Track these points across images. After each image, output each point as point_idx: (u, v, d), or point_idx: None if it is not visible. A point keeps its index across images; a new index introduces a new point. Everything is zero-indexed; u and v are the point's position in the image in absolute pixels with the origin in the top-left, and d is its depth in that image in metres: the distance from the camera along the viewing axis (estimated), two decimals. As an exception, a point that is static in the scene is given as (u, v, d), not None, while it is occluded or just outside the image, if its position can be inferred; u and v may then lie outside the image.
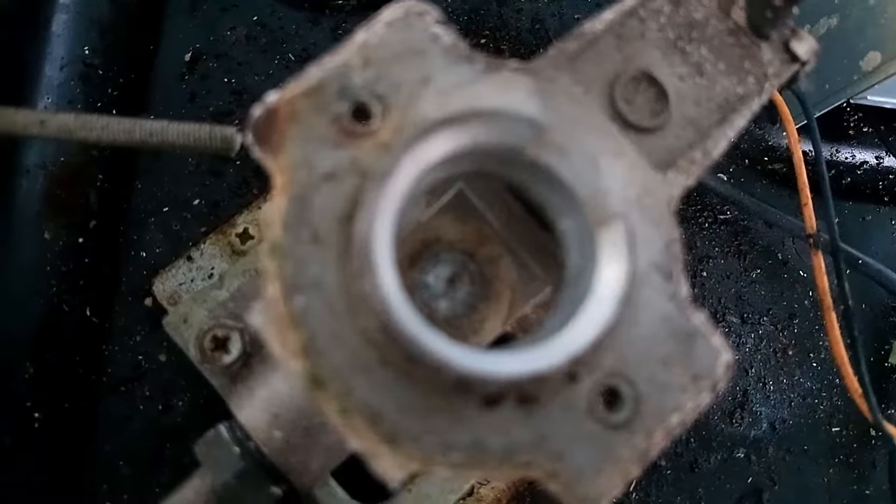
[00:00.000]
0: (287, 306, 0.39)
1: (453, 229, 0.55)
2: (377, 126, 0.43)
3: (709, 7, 0.52)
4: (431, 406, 0.40)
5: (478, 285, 0.54)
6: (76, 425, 0.79)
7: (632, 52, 0.51)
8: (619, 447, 0.41)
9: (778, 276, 0.94)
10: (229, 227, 0.79)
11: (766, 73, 0.52)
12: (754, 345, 0.92)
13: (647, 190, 0.46)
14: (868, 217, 0.97)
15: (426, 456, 0.40)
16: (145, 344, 0.80)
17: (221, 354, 0.62)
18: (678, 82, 0.51)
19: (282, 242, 0.40)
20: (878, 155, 0.96)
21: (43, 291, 0.81)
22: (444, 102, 0.43)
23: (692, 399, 0.43)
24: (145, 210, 0.84)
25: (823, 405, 0.90)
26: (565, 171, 0.42)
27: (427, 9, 0.45)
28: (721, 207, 0.95)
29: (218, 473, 0.54)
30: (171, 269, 0.79)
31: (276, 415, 0.53)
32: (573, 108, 0.46)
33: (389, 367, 0.39)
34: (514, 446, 0.40)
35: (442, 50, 0.45)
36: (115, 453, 0.78)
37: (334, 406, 0.39)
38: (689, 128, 0.50)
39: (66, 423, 0.79)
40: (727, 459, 0.88)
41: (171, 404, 0.78)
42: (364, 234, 0.37)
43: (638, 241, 0.44)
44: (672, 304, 0.44)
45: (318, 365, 0.39)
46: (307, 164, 0.42)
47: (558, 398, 0.41)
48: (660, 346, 0.43)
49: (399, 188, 0.38)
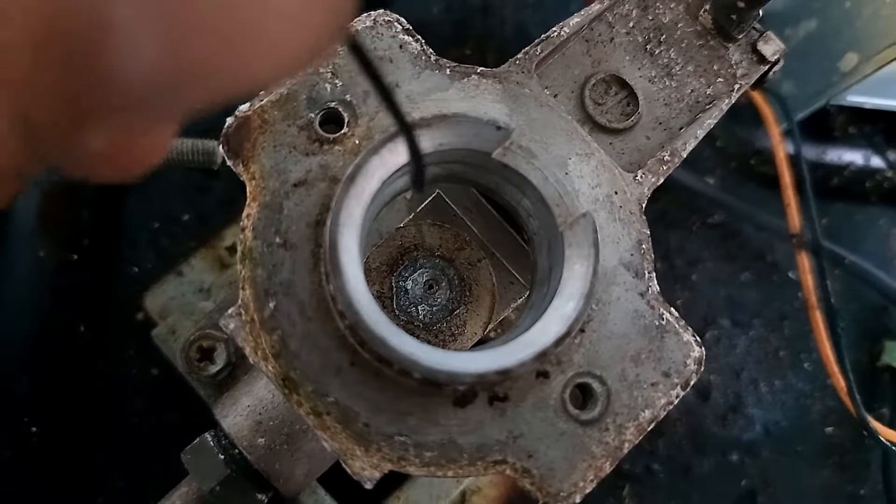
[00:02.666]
0: (259, 310, 0.40)
1: (432, 235, 0.55)
2: (346, 133, 0.44)
3: (676, 11, 0.53)
4: (403, 406, 0.40)
5: (457, 290, 0.54)
6: (71, 439, 0.80)
7: (601, 56, 0.52)
8: (590, 444, 0.42)
9: (768, 278, 0.94)
10: (218, 240, 0.80)
11: (734, 74, 0.53)
12: (746, 347, 0.92)
13: (616, 190, 0.47)
14: (857, 217, 0.97)
15: (399, 455, 0.40)
16: (138, 358, 0.81)
17: (207, 364, 0.62)
18: (648, 84, 0.52)
19: (253, 248, 0.41)
20: (865, 155, 0.97)
21: (37, 308, 0.83)
22: (411, 107, 0.44)
23: (664, 395, 0.43)
24: (136, 227, 0.85)
25: (816, 406, 0.90)
26: (532, 174, 0.43)
27: (395, 18, 0.46)
28: (710, 211, 0.95)
29: (204, 481, 0.54)
30: (162, 283, 0.79)
31: (259, 422, 0.54)
32: (541, 112, 0.47)
33: (361, 368, 0.40)
34: (486, 445, 0.41)
35: (410, 57, 0.46)
36: (110, 466, 0.78)
37: (307, 407, 0.40)
38: (660, 128, 0.51)
39: (62, 437, 0.80)
40: (721, 463, 0.88)
41: (163, 416, 0.79)
42: (332, 236, 0.38)
43: (606, 240, 0.44)
44: (643, 301, 0.45)
45: (290, 367, 0.40)
46: (278, 171, 0.43)
47: (529, 397, 0.42)
48: (631, 343, 0.44)
49: (367, 191, 0.39)
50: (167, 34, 0.17)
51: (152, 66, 0.17)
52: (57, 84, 0.16)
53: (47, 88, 0.16)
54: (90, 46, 0.16)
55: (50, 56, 0.16)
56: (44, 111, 0.17)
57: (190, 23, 0.17)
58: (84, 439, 0.80)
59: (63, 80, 0.16)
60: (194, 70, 0.18)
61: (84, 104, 0.17)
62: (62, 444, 0.80)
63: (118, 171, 0.23)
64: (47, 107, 0.17)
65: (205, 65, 0.18)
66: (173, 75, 0.18)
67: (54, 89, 0.16)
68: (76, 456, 0.80)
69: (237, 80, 0.19)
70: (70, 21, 0.16)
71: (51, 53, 0.16)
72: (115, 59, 0.17)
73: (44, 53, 0.16)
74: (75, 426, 0.80)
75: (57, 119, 0.17)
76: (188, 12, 0.17)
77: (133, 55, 0.17)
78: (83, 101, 0.17)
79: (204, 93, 0.19)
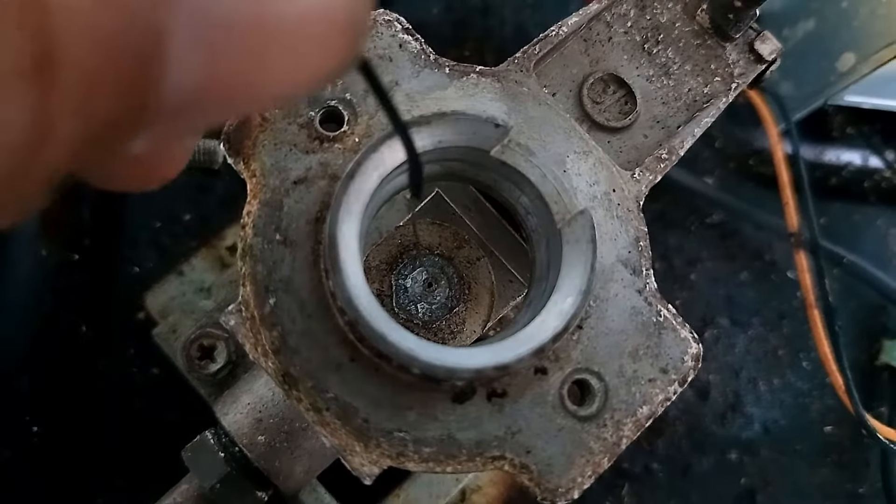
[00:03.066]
0: (259, 307, 0.40)
1: (431, 233, 0.56)
2: (346, 131, 0.44)
3: (674, 11, 0.53)
4: (402, 402, 0.41)
5: (456, 288, 0.54)
6: (72, 438, 0.80)
7: (599, 55, 0.52)
8: (588, 440, 0.42)
9: (767, 277, 0.95)
10: (219, 240, 0.80)
11: (732, 73, 0.53)
12: (745, 347, 0.92)
13: (614, 187, 0.47)
14: (855, 217, 0.97)
15: (398, 451, 0.40)
16: (138, 357, 0.81)
17: (208, 363, 0.63)
18: (645, 83, 0.52)
19: (253, 245, 0.41)
20: (863, 155, 0.97)
21: (39, 307, 0.83)
22: (411, 106, 0.44)
23: (662, 391, 0.44)
24: (137, 226, 0.85)
25: (815, 405, 0.90)
26: (531, 171, 0.43)
27: (395, 17, 0.47)
28: (708, 211, 0.96)
29: (204, 479, 0.54)
30: (163, 282, 0.80)
31: (259, 420, 0.54)
32: (539, 110, 0.47)
33: (360, 364, 0.40)
34: (484, 441, 0.41)
35: (409, 56, 0.46)
36: (110, 465, 0.79)
37: (307, 403, 0.40)
38: (657, 127, 0.51)
39: (63, 436, 0.80)
40: (720, 462, 0.88)
41: (163, 415, 0.79)
42: (332, 232, 0.38)
43: (604, 237, 0.45)
44: (640, 297, 0.45)
45: (290, 363, 0.40)
46: (278, 169, 0.43)
47: (528, 393, 0.42)
48: (628, 339, 0.44)
49: (366, 188, 0.40)
50: (213, 51, 0.19)
51: (196, 80, 0.19)
52: (114, 90, 0.18)
53: (106, 94, 0.18)
54: (145, 56, 0.18)
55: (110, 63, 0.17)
56: (102, 116, 0.18)
57: (233, 43, 0.19)
58: (84, 438, 0.80)
59: (120, 86, 0.18)
60: (231, 86, 0.20)
61: (137, 112, 0.19)
62: (63, 444, 0.80)
63: (143, 181, 0.25)
64: (106, 112, 0.18)
65: (240, 82, 0.20)
66: (213, 90, 0.19)
67: (113, 94, 0.18)
68: (77, 455, 0.80)
69: (262, 97, 0.21)
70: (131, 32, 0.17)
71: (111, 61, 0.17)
72: (165, 71, 0.18)
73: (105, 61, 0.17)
74: (76, 425, 0.81)
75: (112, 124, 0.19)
76: (233, 34, 0.19)
77: (181, 68, 0.18)
78: (136, 108, 0.19)
79: (232, 108, 0.21)
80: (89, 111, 0.18)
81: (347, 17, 0.20)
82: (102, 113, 0.18)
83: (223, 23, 0.18)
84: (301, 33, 0.20)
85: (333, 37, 0.20)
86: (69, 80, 0.17)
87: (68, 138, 0.18)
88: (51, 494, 0.79)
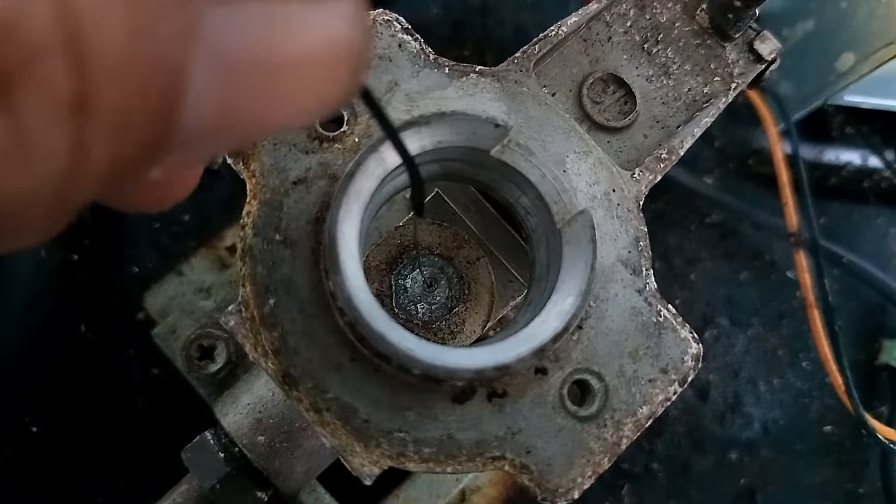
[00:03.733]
0: (259, 307, 0.40)
1: (431, 234, 0.56)
2: (346, 131, 0.44)
3: (673, 10, 0.53)
4: (402, 402, 0.41)
5: (456, 288, 0.54)
6: (72, 438, 0.80)
7: (599, 55, 0.52)
8: (589, 440, 0.42)
9: (766, 277, 0.95)
10: (218, 240, 0.80)
11: (731, 72, 0.53)
12: (744, 346, 0.92)
13: (614, 187, 0.47)
14: (854, 217, 0.97)
15: (398, 451, 0.40)
16: (138, 357, 0.81)
17: (207, 363, 0.63)
18: (645, 83, 0.52)
19: (253, 245, 0.41)
20: (863, 155, 0.97)
21: (38, 307, 0.83)
22: (410, 106, 0.44)
23: (662, 391, 0.44)
24: (136, 226, 0.85)
25: (815, 405, 0.90)
26: (531, 171, 0.43)
27: (394, 17, 0.47)
28: (708, 211, 0.96)
29: (204, 479, 0.54)
30: (162, 283, 0.80)
31: (259, 420, 0.54)
32: (539, 110, 0.47)
33: (360, 364, 0.40)
34: (484, 441, 0.41)
35: (409, 56, 0.46)
36: (110, 465, 0.79)
37: (307, 403, 0.40)
38: (657, 127, 0.51)
39: (63, 436, 0.80)
40: (720, 462, 0.88)
41: (163, 416, 0.79)
42: (331, 232, 0.38)
43: (604, 237, 0.45)
44: (640, 297, 0.45)
45: (290, 363, 0.40)
46: (278, 169, 0.43)
47: (528, 393, 0.42)
48: (628, 339, 0.44)
49: (366, 188, 0.40)
50: (228, 87, 0.21)
51: (212, 113, 0.21)
52: (142, 123, 0.20)
53: (135, 126, 0.20)
54: (169, 91, 0.20)
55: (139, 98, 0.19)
56: (131, 147, 0.20)
57: (246, 79, 0.21)
58: (84, 439, 0.80)
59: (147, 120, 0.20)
60: (243, 119, 0.22)
61: (159, 143, 0.21)
62: (62, 444, 0.80)
63: (156, 203, 0.28)
64: (134, 143, 0.20)
65: (252, 115, 0.22)
66: (226, 122, 0.21)
67: (140, 127, 0.20)
68: (76, 455, 0.80)
69: (269, 127, 0.23)
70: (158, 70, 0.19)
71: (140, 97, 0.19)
72: (184, 105, 0.20)
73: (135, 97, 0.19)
74: (76, 425, 0.81)
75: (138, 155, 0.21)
76: (246, 71, 0.21)
77: (198, 103, 0.20)
78: (159, 139, 0.21)
79: (242, 137, 0.24)
80: (121, 142, 0.19)
81: (351, 52, 0.22)
82: (131, 144, 0.20)
83: (237, 61, 0.20)
84: (308, 69, 0.22)
85: (338, 70, 0.22)
86: (104, 114, 0.18)
87: (101, 167, 0.20)
88: (50, 495, 0.79)
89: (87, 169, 0.19)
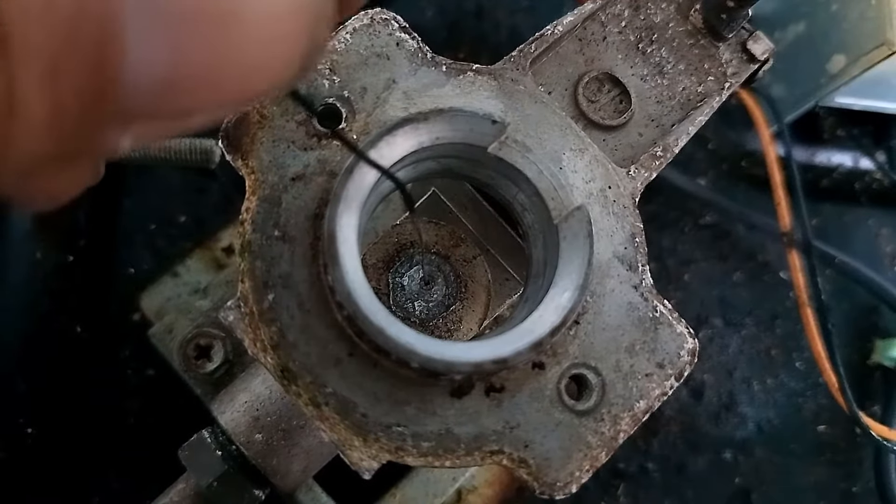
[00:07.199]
0: (258, 302, 0.41)
1: (428, 232, 0.56)
2: (344, 128, 0.44)
3: (667, 11, 0.54)
4: (401, 396, 0.41)
5: (453, 286, 0.55)
6: (68, 439, 0.80)
7: (594, 55, 0.52)
8: (586, 434, 0.42)
9: (760, 278, 0.95)
10: (214, 242, 0.80)
11: (725, 72, 0.54)
12: (738, 347, 0.93)
13: (610, 184, 0.47)
14: (846, 218, 0.98)
15: (397, 446, 0.41)
16: (134, 358, 0.81)
17: (204, 362, 0.63)
18: (640, 82, 0.53)
19: (252, 241, 0.41)
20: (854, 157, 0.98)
21: (34, 309, 0.83)
22: (408, 103, 0.45)
23: (658, 386, 0.44)
24: (132, 228, 0.85)
25: (808, 404, 0.91)
26: (527, 168, 0.44)
27: (392, 16, 0.47)
28: (702, 212, 0.96)
29: (201, 477, 0.54)
30: (158, 284, 0.80)
31: (256, 418, 0.54)
32: (536, 108, 0.48)
33: (359, 358, 0.40)
34: (482, 435, 0.41)
35: (406, 54, 0.47)
36: (106, 466, 0.78)
37: (306, 398, 0.40)
38: (652, 125, 0.52)
39: (58, 437, 0.80)
40: (714, 461, 0.88)
41: (159, 416, 0.79)
42: (330, 227, 0.39)
43: (600, 233, 0.45)
44: (637, 293, 0.45)
45: (288, 358, 0.40)
46: (277, 165, 0.43)
47: (525, 387, 0.42)
48: (625, 334, 0.44)
49: (364, 184, 0.40)
50: (171, 39, 0.20)
51: (160, 69, 0.20)
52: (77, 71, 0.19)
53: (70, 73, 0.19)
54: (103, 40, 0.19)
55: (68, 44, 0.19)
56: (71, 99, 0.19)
57: (191, 32, 0.20)
58: (80, 439, 0.80)
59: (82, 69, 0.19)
60: (195, 77, 0.21)
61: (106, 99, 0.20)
62: (58, 445, 0.80)
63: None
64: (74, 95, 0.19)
65: (203, 73, 0.21)
66: (179, 81, 0.20)
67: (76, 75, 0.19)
68: (72, 456, 0.80)
69: (229, 91, 0.22)
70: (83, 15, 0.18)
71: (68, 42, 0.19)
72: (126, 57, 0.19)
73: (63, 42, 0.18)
74: (71, 426, 0.80)
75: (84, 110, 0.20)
76: (189, 22, 0.20)
77: (142, 56, 0.19)
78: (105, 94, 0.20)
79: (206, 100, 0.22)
80: (56, 90, 0.19)
81: (306, 6, 0.21)
82: (70, 95, 0.19)
83: (182, 11, 0.19)
84: (259, 20, 0.20)
85: (293, 24, 0.21)
86: (28, 53, 0.18)
87: (41, 117, 0.19)
88: (47, 495, 0.78)
89: (26, 119, 0.19)
